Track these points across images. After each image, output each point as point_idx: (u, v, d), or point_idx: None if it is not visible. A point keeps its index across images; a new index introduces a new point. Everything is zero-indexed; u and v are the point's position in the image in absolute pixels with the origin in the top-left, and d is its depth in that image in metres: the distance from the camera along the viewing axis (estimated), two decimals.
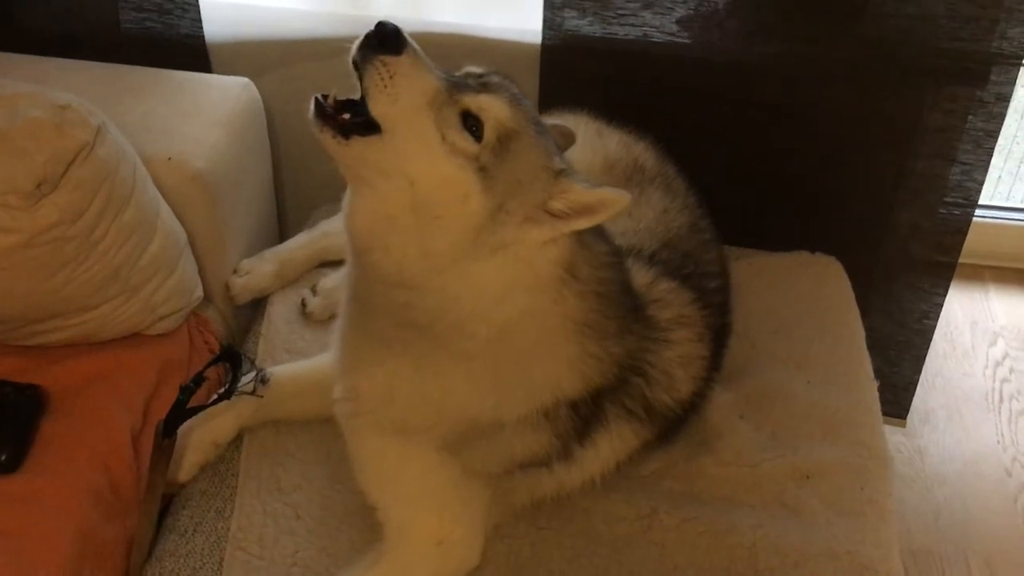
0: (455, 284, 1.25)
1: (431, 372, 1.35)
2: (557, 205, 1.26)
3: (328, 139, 1.23)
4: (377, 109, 1.21)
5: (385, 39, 1.22)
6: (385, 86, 1.21)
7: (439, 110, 1.22)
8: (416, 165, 1.22)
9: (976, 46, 1.87)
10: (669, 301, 1.54)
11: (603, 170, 1.76)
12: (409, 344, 1.33)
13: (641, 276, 1.52)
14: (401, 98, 1.21)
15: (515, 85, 1.32)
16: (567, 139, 1.48)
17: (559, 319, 1.32)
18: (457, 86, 1.25)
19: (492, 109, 1.24)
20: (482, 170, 1.22)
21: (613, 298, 1.38)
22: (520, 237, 1.25)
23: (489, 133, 1.23)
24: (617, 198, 1.25)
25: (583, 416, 1.42)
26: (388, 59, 1.21)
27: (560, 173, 1.28)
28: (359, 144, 1.22)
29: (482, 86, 1.27)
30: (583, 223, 1.26)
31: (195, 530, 1.53)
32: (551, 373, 1.36)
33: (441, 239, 1.23)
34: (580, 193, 1.26)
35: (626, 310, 1.42)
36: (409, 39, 1.23)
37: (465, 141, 1.22)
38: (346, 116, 1.23)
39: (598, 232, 1.37)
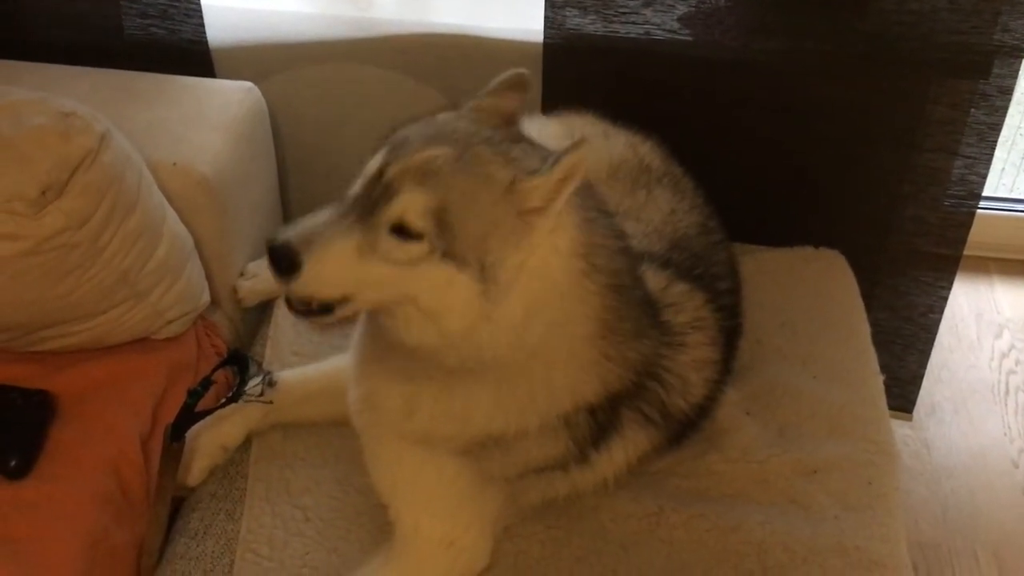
0: (483, 332, 1.24)
1: (458, 392, 1.35)
2: (533, 203, 1.22)
3: (316, 321, 1.32)
4: (324, 295, 1.24)
5: (280, 267, 1.21)
6: (313, 288, 1.23)
7: (373, 248, 1.21)
8: (394, 293, 1.23)
9: (978, 39, 1.87)
10: (683, 305, 1.53)
11: (609, 172, 1.76)
12: (434, 373, 1.34)
13: (655, 280, 1.52)
14: (332, 279, 1.22)
15: (417, 131, 1.26)
16: (519, 89, 1.36)
17: (583, 321, 1.31)
18: (368, 211, 1.21)
19: (401, 211, 1.20)
20: (445, 254, 1.20)
21: (627, 295, 1.36)
22: (521, 257, 1.23)
23: (418, 228, 1.20)
24: (576, 155, 1.19)
25: (600, 422, 1.41)
26: (298, 278, 1.21)
27: (512, 185, 1.21)
28: (341, 311, 1.26)
29: (386, 189, 1.21)
30: (568, 190, 1.21)
31: (205, 533, 1.54)
32: (573, 379, 1.36)
33: (450, 321, 1.24)
34: (545, 182, 1.20)
35: (640, 311, 1.41)
36: (301, 247, 1.19)
37: (412, 247, 1.20)
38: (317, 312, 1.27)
39: (605, 224, 1.35)
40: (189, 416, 1.54)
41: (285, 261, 1.20)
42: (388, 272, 1.21)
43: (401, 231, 1.20)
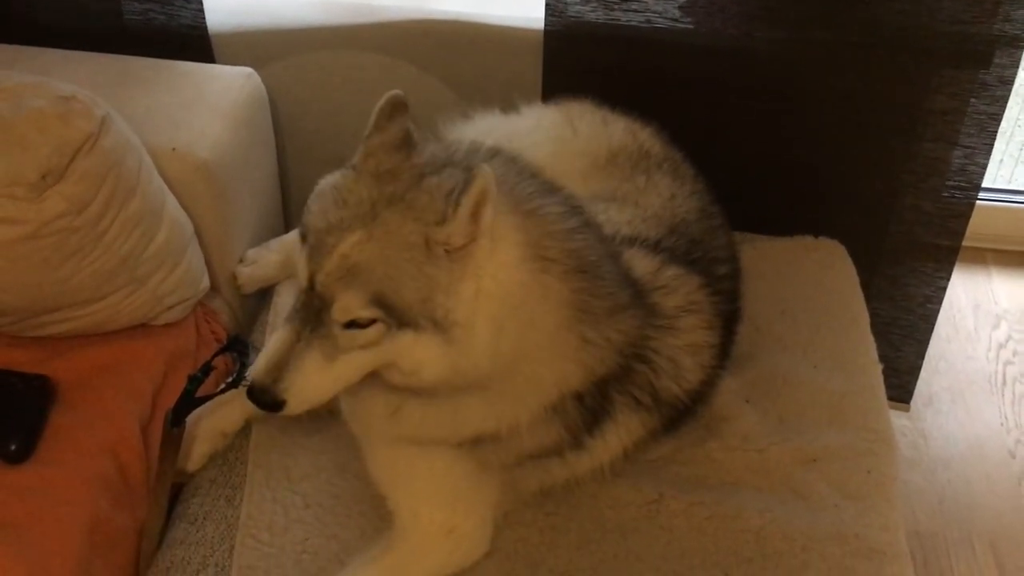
0: (461, 366, 1.26)
1: (445, 402, 1.36)
2: (457, 243, 1.20)
3: None
4: (317, 405, 1.30)
5: (267, 409, 1.27)
6: (304, 407, 1.28)
7: (336, 348, 1.24)
8: (372, 367, 1.27)
9: (978, 28, 1.87)
10: (675, 288, 1.52)
11: (608, 159, 1.76)
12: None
13: (646, 264, 1.52)
14: (315, 393, 1.28)
15: (325, 219, 1.24)
16: (400, 111, 1.31)
17: (554, 311, 1.31)
18: (316, 321, 1.24)
19: (343, 314, 1.22)
20: (400, 325, 1.22)
21: (594, 272, 1.35)
22: (472, 288, 1.22)
23: (366, 318, 1.22)
24: (476, 187, 1.17)
25: (590, 407, 1.42)
26: (287, 410, 1.27)
27: (428, 242, 1.20)
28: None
29: (321, 298, 1.22)
30: (486, 215, 1.20)
31: (205, 518, 1.54)
32: (556, 370, 1.36)
33: (427, 374, 1.26)
34: (456, 225, 1.19)
35: (615, 286, 1.39)
36: (275, 386, 1.25)
37: (368, 332, 1.23)
38: None
39: (550, 209, 1.33)
40: (189, 402, 1.54)
41: (268, 404, 1.26)
42: (359, 357, 1.25)
43: (353, 323, 1.22)
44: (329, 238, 1.22)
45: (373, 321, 1.21)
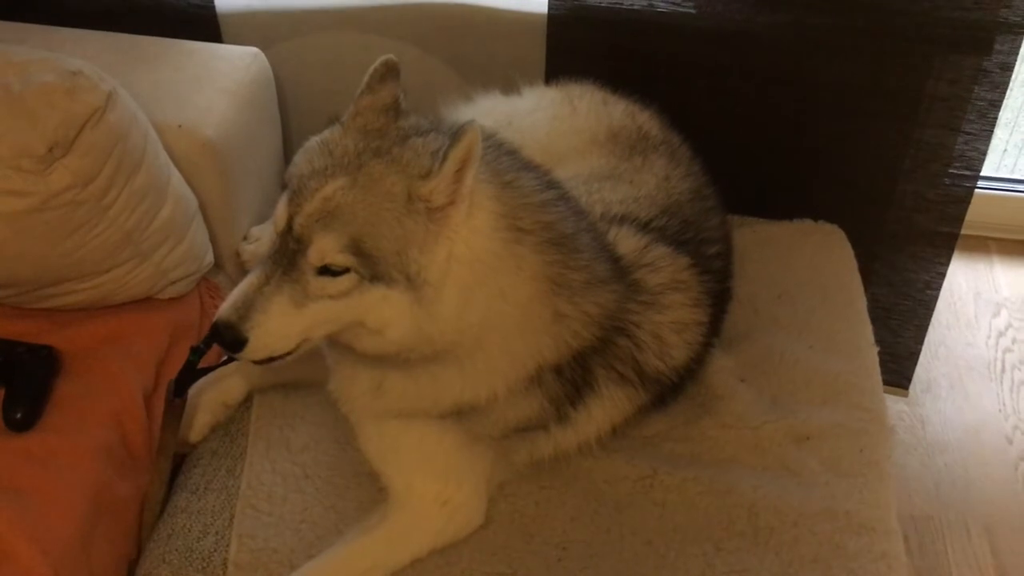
0: (428, 329, 1.28)
1: (422, 374, 1.39)
2: (438, 202, 1.24)
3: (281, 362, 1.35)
4: (280, 351, 1.30)
5: (228, 347, 1.28)
6: (267, 351, 1.29)
7: (306, 294, 1.26)
8: (341, 322, 1.29)
9: (980, 15, 1.87)
10: (661, 266, 1.54)
11: (608, 138, 1.78)
12: (398, 363, 1.37)
13: (633, 242, 1.54)
14: (279, 336, 1.28)
15: (309, 166, 1.28)
16: (392, 76, 1.36)
17: (526, 283, 1.33)
18: (290, 264, 1.26)
19: (319, 257, 1.24)
20: (373, 278, 1.24)
21: (570, 244, 1.37)
22: (445, 251, 1.25)
23: (340, 264, 1.24)
24: (463, 144, 1.21)
25: (571, 380, 1.44)
26: (248, 350, 1.28)
27: (410, 195, 1.24)
28: (300, 350, 1.33)
29: (298, 240, 1.25)
30: (468, 176, 1.23)
31: (206, 488, 1.57)
32: (530, 342, 1.38)
33: (395, 332, 1.28)
34: (440, 181, 1.23)
35: (592, 259, 1.41)
36: (240, 322, 1.25)
37: (341, 281, 1.25)
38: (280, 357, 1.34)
39: (526, 182, 1.36)
40: (192, 373, 1.56)
41: (230, 340, 1.27)
42: (327, 307, 1.26)
43: (327, 270, 1.24)
44: (312, 182, 1.25)
45: (346, 270, 1.24)
